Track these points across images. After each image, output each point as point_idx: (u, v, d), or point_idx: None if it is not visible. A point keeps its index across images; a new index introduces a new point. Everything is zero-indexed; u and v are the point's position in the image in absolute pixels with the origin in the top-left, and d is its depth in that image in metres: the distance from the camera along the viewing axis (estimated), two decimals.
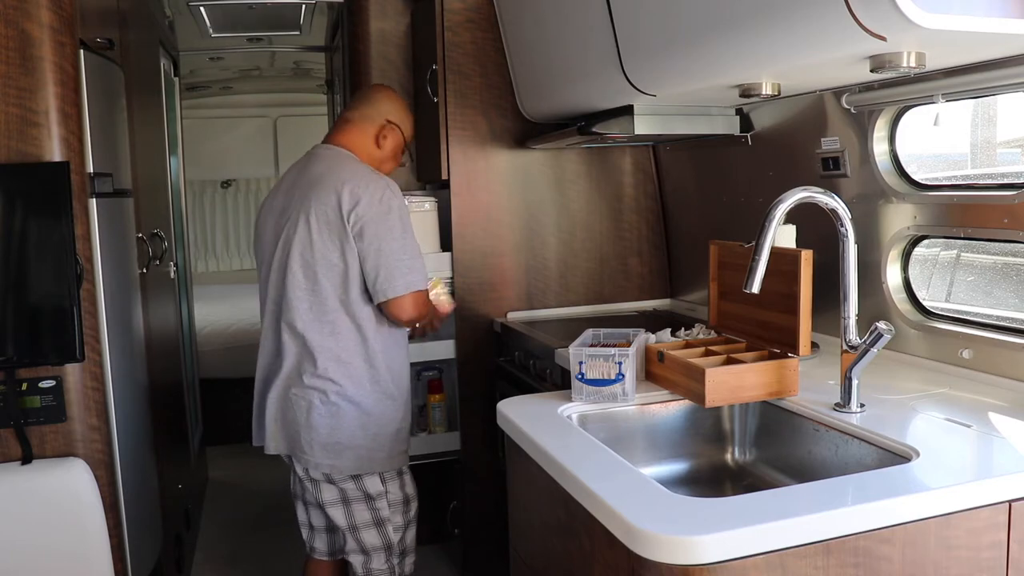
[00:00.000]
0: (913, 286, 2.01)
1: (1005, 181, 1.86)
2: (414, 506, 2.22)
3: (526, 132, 2.77)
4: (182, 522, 3.13)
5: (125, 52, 2.55)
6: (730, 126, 2.31)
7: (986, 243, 1.96)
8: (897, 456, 1.38)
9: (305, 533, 2.29)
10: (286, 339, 2.07)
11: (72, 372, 1.97)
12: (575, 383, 1.70)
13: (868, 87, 1.87)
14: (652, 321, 2.73)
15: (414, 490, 2.23)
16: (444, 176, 2.74)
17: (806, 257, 1.67)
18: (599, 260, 2.94)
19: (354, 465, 2.08)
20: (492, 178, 2.79)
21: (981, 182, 2.07)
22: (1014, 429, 1.46)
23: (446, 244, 2.79)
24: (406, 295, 2.01)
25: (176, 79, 4.21)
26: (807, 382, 1.73)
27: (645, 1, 1.82)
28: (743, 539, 1.09)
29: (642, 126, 2.16)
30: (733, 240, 1.96)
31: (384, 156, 2.23)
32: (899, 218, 1.95)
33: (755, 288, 1.54)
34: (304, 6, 3.75)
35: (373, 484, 2.11)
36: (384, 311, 2.05)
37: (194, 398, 4.15)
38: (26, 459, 1.94)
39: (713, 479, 1.77)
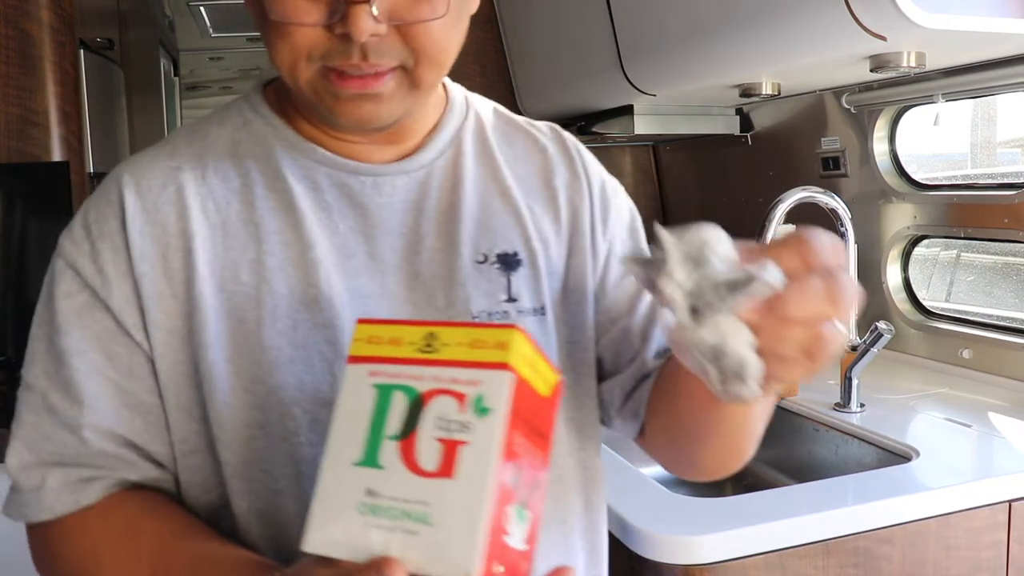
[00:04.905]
0: (913, 286, 2.01)
1: (1005, 181, 1.85)
2: None
3: None
4: None
5: (125, 52, 2.55)
6: (730, 126, 2.31)
7: (986, 243, 1.96)
8: (897, 456, 1.38)
9: None
10: None
11: None
12: None
13: (868, 87, 1.87)
14: None
15: None
16: None
17: None
18: None
19: None
20: None
21: (981, 182, 2.07)
22: (1014, 429, 1.46)
23: None
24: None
25: (176, 79, 4.21)
26: (807, 382, 1.73)
27: (645, 1, 1.82)
28: (743, 539, 1.09)
29: (642, 126, 2.16)
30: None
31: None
32: (899, 218, 1.95)
33: None
34: None
35: None
36: None
37: None
38: None
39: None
